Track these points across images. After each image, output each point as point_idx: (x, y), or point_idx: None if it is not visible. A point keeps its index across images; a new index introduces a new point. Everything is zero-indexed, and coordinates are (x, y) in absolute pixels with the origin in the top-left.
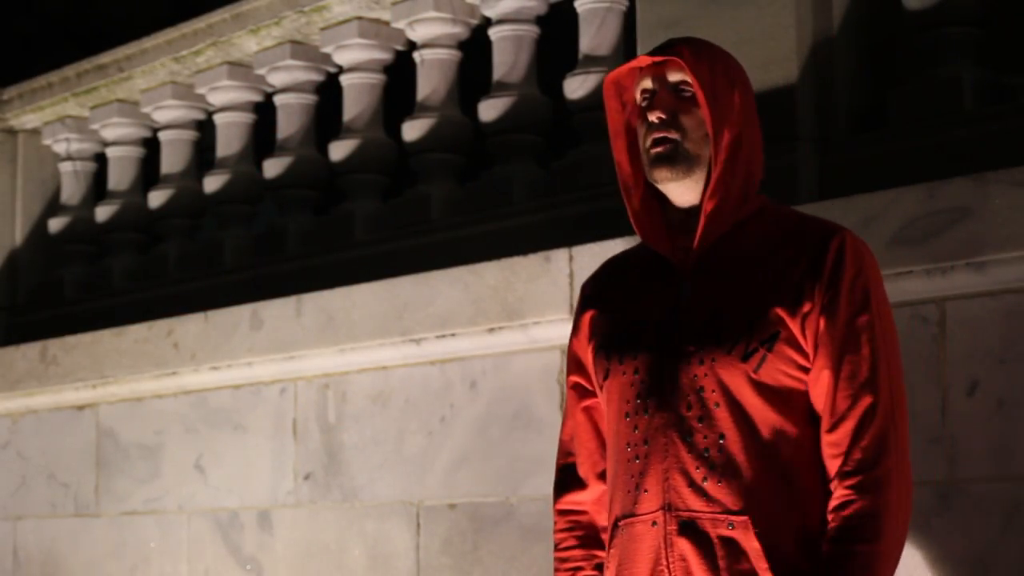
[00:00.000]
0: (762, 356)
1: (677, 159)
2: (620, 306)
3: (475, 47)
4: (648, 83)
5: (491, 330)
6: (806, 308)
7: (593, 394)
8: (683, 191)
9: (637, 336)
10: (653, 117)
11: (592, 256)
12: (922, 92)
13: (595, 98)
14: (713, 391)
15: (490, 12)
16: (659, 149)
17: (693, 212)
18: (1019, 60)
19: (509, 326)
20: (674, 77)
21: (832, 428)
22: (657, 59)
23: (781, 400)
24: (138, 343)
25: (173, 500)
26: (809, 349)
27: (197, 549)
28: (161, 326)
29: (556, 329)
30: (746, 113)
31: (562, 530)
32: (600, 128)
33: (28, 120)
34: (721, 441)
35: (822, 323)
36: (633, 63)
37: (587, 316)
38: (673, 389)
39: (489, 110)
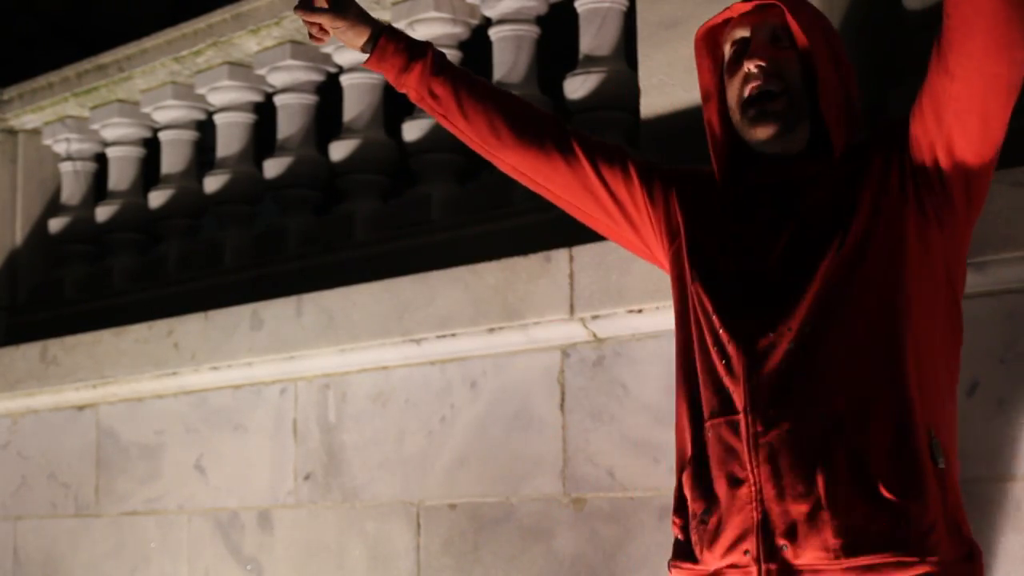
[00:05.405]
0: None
1: (784, 114)
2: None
3: (475, 47)
4: (741, 32)
5: (491, 330)
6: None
7: (619, 173)
8: (783, 145)
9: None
10: (752, 66)
11: (592, 256)
12: None
13: (595, 98)
14: (797, 278)
15: (490, 12)
16: (764, 105)
17: (791, 155)
18: None
19: (509, 326)
20: (770, 23)
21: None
22: (749, 6)
23: (871, 270)
24: (138, 343)
25: (173, 500)
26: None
27: (197, 549)
28: (161, 326)
29: (556, 329)
30: (844, 54)
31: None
32: (600, 128)
33: (28, 120)
34: (808, 331)
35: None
36: (725, 13)
37: (678, 196)
38: (763, 288)
39: None
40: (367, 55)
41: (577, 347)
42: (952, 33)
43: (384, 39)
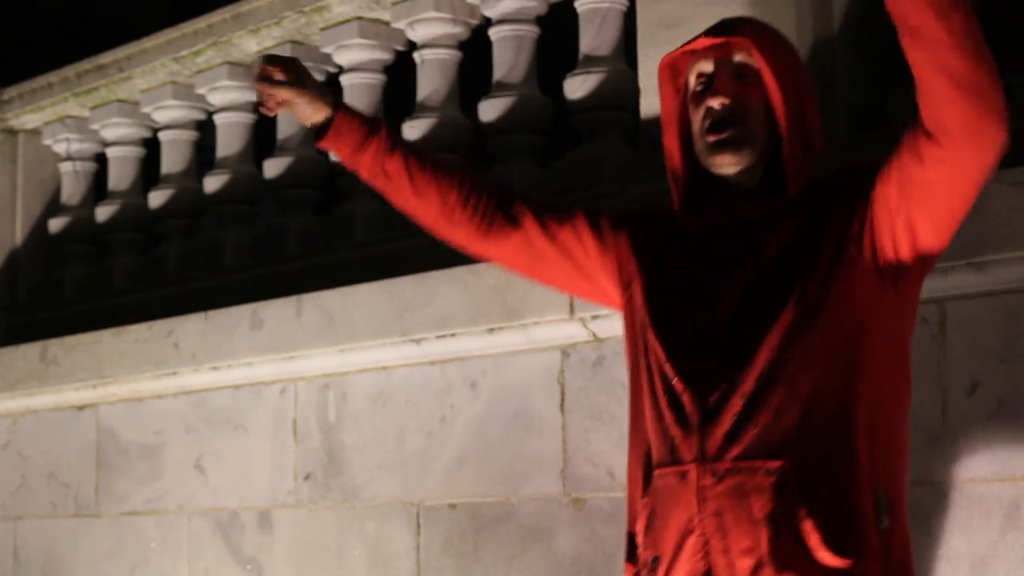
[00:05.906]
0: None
1: (743, 144)
2: (672, 263)
3: (475, 47)
4: (706, 66)
5: (491, 330)
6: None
7: (575, 228)
8: (741, 174)
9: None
10: (716, 103)
11: None
12: None
13: (595, 98)
14: (752, 329)
15: (490, 12)
16: (723, 135)
17: (748, 188)
18: (1019, 60)
19: (509, 326)
20: (735, 59)
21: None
22: (716, 41)
23: (827, 325)
24: (138, 343)
25: (173, 500)
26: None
27: (197, 549)
28: (161, 326)
29: (556, 329)
30: (809, 88)
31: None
32: (600, 128)
33: (28, 120)
34: (761, 385)
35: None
36: (690, 45)
37: (630, 244)
38: (718, 337)
39: (489, 110)
40: (319, 128)
41: (577, 347)
42: (925, 123)
43: (340, 118)
